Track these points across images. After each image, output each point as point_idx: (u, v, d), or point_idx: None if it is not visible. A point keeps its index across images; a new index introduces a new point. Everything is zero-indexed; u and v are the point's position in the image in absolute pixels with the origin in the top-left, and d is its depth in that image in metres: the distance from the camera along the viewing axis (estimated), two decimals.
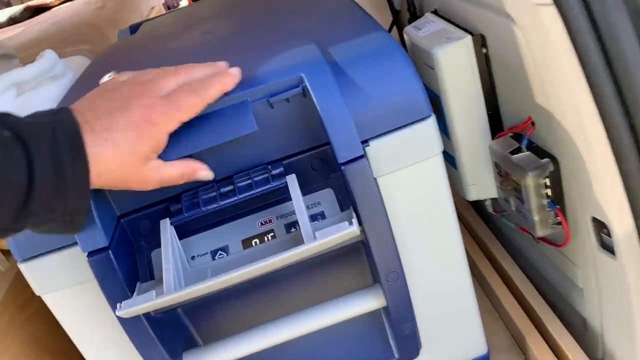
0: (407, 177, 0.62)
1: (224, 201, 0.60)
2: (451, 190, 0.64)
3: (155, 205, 0.62)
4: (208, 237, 0.63)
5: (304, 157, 0.62)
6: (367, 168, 0.58)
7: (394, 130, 0.60)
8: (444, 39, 0.80)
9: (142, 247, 0.64)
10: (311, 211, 0.63)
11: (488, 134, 0.83)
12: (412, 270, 0.65)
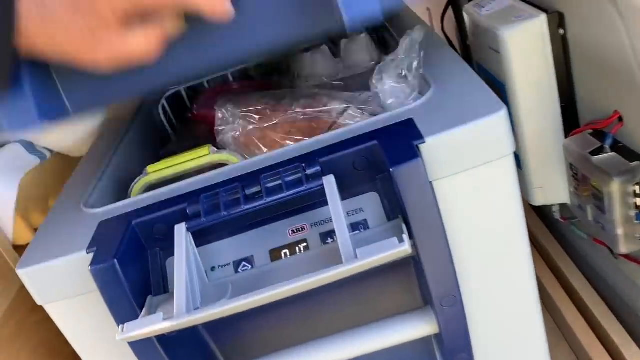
0: (469, 181, 0.51)
1: (249, 205, 0.50)
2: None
3: (171, 206, 0.53)
4: (231, 245, 0.55)
5: (344, 155, 0.52)
6: (421, 171, 0.47)
7: (455, 125, 0.49)
8: (512, 17, 0.68)
9: (156, 254, 0.55)
10: (352, 219, 0.53)
11: (561, 129, 0.71)
12: (470, 292, 0.54)
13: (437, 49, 0.65)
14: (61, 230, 0.58)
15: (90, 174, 0.68)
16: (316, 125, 0.63)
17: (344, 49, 0.80)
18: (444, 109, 0.53)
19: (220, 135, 0.66)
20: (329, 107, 0.64)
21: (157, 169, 0.64)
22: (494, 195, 0.52)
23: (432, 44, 0.66)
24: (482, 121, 0.49)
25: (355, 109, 0.64)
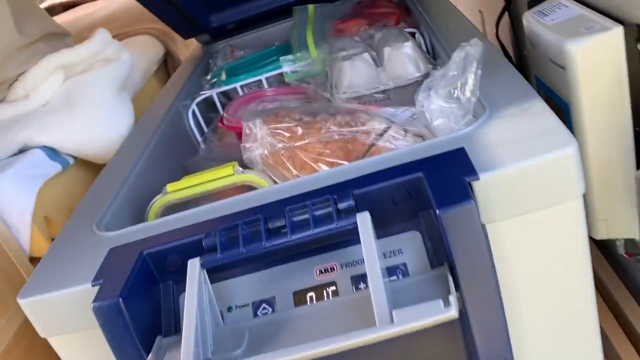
0: (528, 225, 0.44)
1: (271, 242, 0.44)
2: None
3: (186, 236, 0.48)
4: (251, 283, 0.48)
5: (383, 188, 0.45)
6: (474, 215, 0.40)
7: (514, 161, 0.42)
8: (581, 29, 0.60)
9: (169, 288, 0.50)
10: (389, 261, 0.46)
11: (632, 158, 0.62)
12: (523, 351, 0.47)
13: (494, 65, 0.57)
14: (69, 256, 0.53)
15: (107, 189, 0.63)
16: (352, 146, 0.56)
17: (388, 57, 0.73)
18: (502, 139, 0.45)
19: (247, 153, 0.60)
20: (367, 127, 0.57)
21: (177, 188, 0.59)
22: (556, 242, 0.45)
23: (488, 58, 0.58)
24: (547, 157, 0.42)
25: (397, 129, 0.57)
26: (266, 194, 0.51)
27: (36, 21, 0.81)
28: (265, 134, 0.59)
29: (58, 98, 0.83)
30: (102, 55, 0.88)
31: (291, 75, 0.88)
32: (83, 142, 0.80)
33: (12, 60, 0.78)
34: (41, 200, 0.73)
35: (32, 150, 0.77)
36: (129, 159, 0.70)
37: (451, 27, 0.74)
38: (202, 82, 0.97)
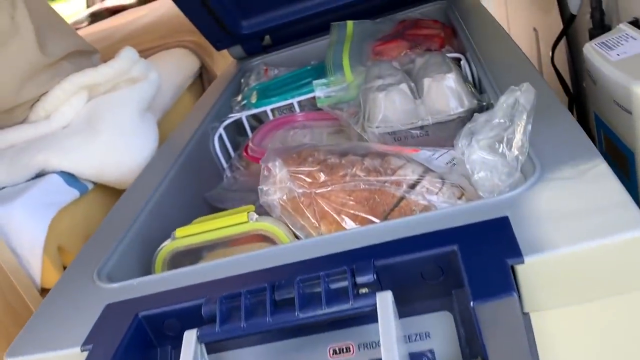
0: (583, 317, 0.37)
1: (276, 319, 0.38)
2: None
3: (185, 298, 0.43)
4: (255, 356, 0.43)
5: (410, 261, 0.38)
6: (515, 309, 0.33)
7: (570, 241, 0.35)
8: None
9: (166, 353, 0.45)
10: (414, 346, 0.40)
11: None
12: None
13: (548, 110, 0.49)
14: (63, 310, 0.48)
15: (116, 228, 0.59)
16: (379, 198, 0.50)
17: (427, 90, 0.66)
18: (554, 210, 0.38)
19: (264, 197, 0.55)
20: (397, 177, 0.50)
21: (186, 233, 0.54)
22: (620, 337, 0.37)
23: (541, 101, 0.51)
24: (612, 240, 0.34)
25: (432, 180, 0.50)
26: (278, 253, 0.45)
27: (61, 39, 0.78)
28: (284, 177, 0.54)
29: (80, 119, 0.80)
30: (128, 75, 0.84)
31: (324, 100, 0.83)
32: (102, 167, 0.77)
33: (34, 80, 0.76)
34: (55, 230, 0.70)
35: (49, 176, 0.74)
36: (144, 191, 0.66)
37: (500, 56, 0.66)
38: (233, 103, 0.93)
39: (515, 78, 0.59)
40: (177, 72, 1.13)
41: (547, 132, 0.46)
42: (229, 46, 1.08)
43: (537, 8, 1.07)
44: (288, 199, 0.53)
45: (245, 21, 1.04)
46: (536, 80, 0.56)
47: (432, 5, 1.00)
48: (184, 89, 1.16)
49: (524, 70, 0.60)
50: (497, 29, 0.75)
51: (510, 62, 0.64)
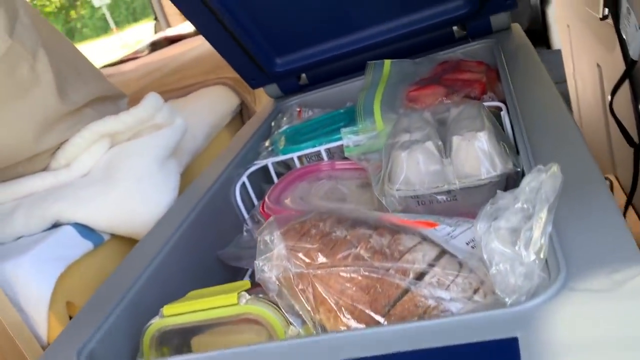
0: None
1: None
2: None
3: None
4: None
5: None
6: None
7: None
8: None
9: None
10: None
11: None
12: None
13: (587, 192, 0.41)
14: None
15: (110, 296, 0.55)
16: (381, 288, 0.43)
17: (456, 149, 0.59)
18: (575, 337, 0.31)
19: (260, 274, 0.49)
20: (403, 263, 0.44)
21: (174, 312, 0.50)
22: None
23: (581, 178, 0.43)
24: None
25: (444, 271, 0.43)
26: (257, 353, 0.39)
27: (84, 86, 0.77)
28: (281, 254, 0.48)
29: (100, 168, 0.78)
30: (152, 121, 0.82)
31: (352, 149, 0.77)
32: (117, 219, 0.74)
33: (54, 129, 0.75)
34: (64, 285, 0.67)
35: (63, 227, 0.72)
36: (148, 250, 0.62)
37: (541, 111, 0.58)
38: (260, 148, 0.89)
39: (553, 143, 0.51)
40: (213, 112, 1.11)
41: (582, 221, 0.39)
42: (264, 84, 1.04)
43: (601, 44, 0.97)
44: (284, 278, 0.48)
45: (279, 59, 1.00)
46: (577, 148, 0.48)
47: (479, 43, 0.92)
48: (220, 127, 1.13)
49: (565, 133, 0.52)
50: (541, 76, 0.67)
51: (551, 120, 0.56)
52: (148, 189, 0.75)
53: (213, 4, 0.86)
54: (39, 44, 0.71)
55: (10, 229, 0.73)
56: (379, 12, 0.94)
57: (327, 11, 0.93)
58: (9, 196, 0.77)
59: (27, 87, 0.70)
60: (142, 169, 0.76)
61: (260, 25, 0.93)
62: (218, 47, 0.96)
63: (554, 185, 0.37)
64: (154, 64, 1.88)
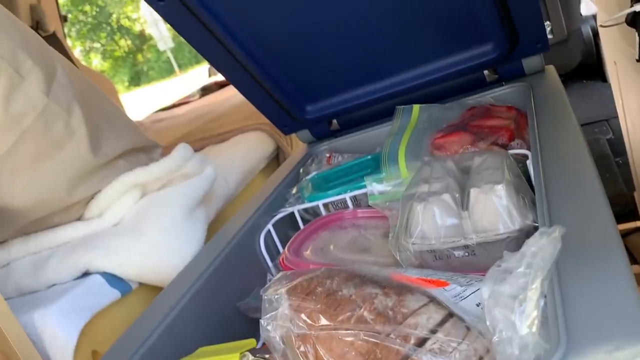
0: None
1: None
2: None
3: None
4: None
5: None
6: None
7: None
8: None
9: None
10: None
11: None
12: None
13: (602, 258, 0.39)
14: None
15: (121, 354, 0.56)
16: (381, 354, 0.42)
17: (474, 202, 0.57)
18: None
19: (265, 333, 0.49)
20: (405, 328, 0.42)
21: None
22: None
23: (593, 239, 0.41)
24: None
25: (449, 334, 0.41)
26: None
27: (116, 140, 0.81)
28: (284, 313, 0.48)
29: (130, 217, 0.80)
30: (181, 171, 0.84)
31: (376, 197, 0.76)
32: (144, 268, 0.76)
33: (86, 181, 0.78)
34: (90, 334, 0.69)
35: (92, 276, 0.75)
36: (166, 302, 0.63)
37: (562, 162, 0.56)
38: (288, 195, 0.89)
39: (570, 201, 0.48)
40: (247, 158, 1.13)
41: (591, 288, 0.36)
42: (296, 130, 1.06)
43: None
44: (287, 338, 0.47)
45: (309, 106, 1.01)
46: (597, 207, 0.46)
47: (511, 87, 0.90)
48: (256, 173, 1.15)
49: (587, 189, 0.49)
50: (570, 126, 0.65)
51: (572, 173, 0.53)
52: (174, 239, 0.77)
53: (240, 56, 0.88)
54: (74, 100, 0.74)
55: (44, 278, 0.76)
56: (408, 58, 0.94)
57: (356, 58, 0.94)
58: (44, 245, 0.80)
59: (61, 142, 0.73)
60: (169, 219, 0.78)
61: (289, 74, 0.95)
62: (248, 95, 0.98)
63: (553, 251, 0.35)
64: (201, 108, 1.94)
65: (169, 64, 18.26)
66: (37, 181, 0.73)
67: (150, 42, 18.21)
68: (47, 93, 0.71)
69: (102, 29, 17.71)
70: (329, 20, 0.86)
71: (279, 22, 0.87)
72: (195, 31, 0.85)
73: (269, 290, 0.50)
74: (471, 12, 0.84)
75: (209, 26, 0.85)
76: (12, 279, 0.78)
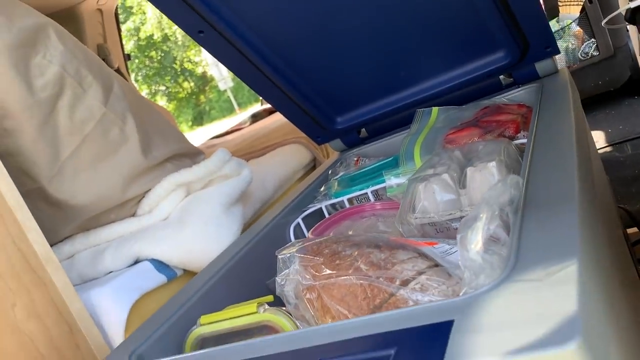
0: None
1: None
2: None
3: None
4: None
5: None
6: None
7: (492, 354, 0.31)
8: None
9: None
10: None
11: None
12: None
13: (557, 207, 0.45)
14: None
15: (165, 312, 0.65)
16: (371, 293, 0.49)
17: (470, 179, 0.63)
18: (501, 316, 0.35)
19: (279, 288, 0.57)
20: (391, 272, 0.49)
21: (208, 321, 0.58)
22: None
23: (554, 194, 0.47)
24: (531, 356, 0.30)
25: (430, 278, 0.48)
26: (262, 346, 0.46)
27: (165, 145, 0.92)
28: (295, 269, 0.55)
29: (176, 212, 0.91)
30: (220, 173, 0.94)
31: (394, 189, 0.83)
32: (188, 255, 0.85)
33: (138, 181, 0.89)
34: (139, 311, 0.78)
35: (142, 263, 0.85)
36: (204, 276, 0.72)
37: (550, 149, 0.61)
38: (317, 194, 0.97)
39: (546, 173, 0.54)
40: (284, 166, 1.22)
41: (545, 227, 0.42)
42: (328, 140, 1.14)
43: None
44: (296, 290, 0.55)
45: (339, 118, 1.10)
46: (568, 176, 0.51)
47: (525, 88, 0.96)
48: (293, 180, 1.24)
49: (563, 167, 0.54)
50: (565, 120, 0.70)
51: (554, 159, 0.58)
52: (213, 230, 0.86)
53: (272, 76, 0.98)
54: (128, 109, 0.86)
55: (102, 266, 0.87)
56: (428, 68, 1.02)
57: (380, 71, 1.02)
58: (102, 239, 0.92)
59: (117, 146, 0.85)
60: (209, 213, 0.87)
61: (318, 89, 1.04)
62: (283, 111, 1.08)
63: (504, 192, 0.41)
64: (251, 132, 2.07)
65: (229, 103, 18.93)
66: (96, 180, 0.84)
67: (212, 83, 18.92)
68: (104, 103, 0.83)
69: (166, 72, 18.62)
70: (351, 39, 0.95)
71: (307, 46, 0.96)
72: (232, 57, 0.96)
73: (283, 251, 0.58)
74: (482, 24, 0.91)
75: (243, 52, 0.95)
76: (76, 269, 0.89)
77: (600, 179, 0.85)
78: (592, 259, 0.39)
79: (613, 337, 0.35)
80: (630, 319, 0.48)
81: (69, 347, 0.72)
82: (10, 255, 0.69)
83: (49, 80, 0.78)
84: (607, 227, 0.63)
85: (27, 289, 0.70)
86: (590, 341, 0.30)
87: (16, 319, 0.68)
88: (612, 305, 0.40)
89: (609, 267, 0.47)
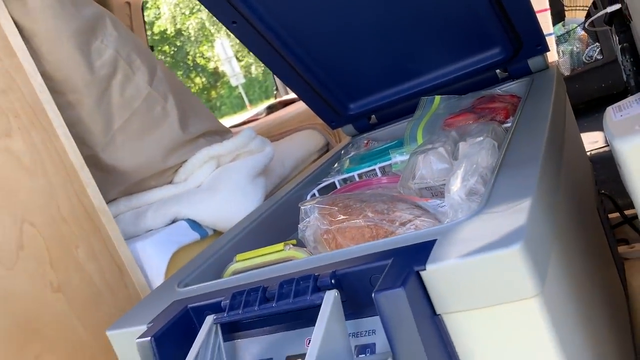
0: (485, 319, 0.44)
1: (262, 308, 0.52)
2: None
3: (215, 297, 0.59)
4: (256, 344, 0.57)
5: (359, 271, 0.50)
6: (403, 300, 0.43)
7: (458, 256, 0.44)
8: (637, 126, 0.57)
9: None
10: (362, 339, 0.50)
11: None
12: None
13: (526, 160, 0.57)
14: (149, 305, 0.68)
15: (205, 257, 0.78)
16: (376, 232, 0.61)
17: (461, 152, 0.76)
18: (472, 235, 0.47)
19: (301, 233, 0.69)
20: (392, 216, 0.62)
21: (243, 257, 0.71)
22: (519, 340, 0.44)
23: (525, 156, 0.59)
24: (486, 255, 0.43)
25: (423, 221, 0.60)
26: (282, 268, 0.59)
27: (199, 123, 1.05)
28: (315, 216, 0.68)
29: (208, 181, 1.04)
30: (247, 148, 1.07)
31: (398, 165, 0.96)
32: (218, 216, 0.99)
33: (176, 152, 1.02)
34: (177, 262, 0.92)
35: (179, 222, 0.98)
36: (233, 231, 0.85)
37: (526, 129, 0.73)
38: (330, 170, 1.10)
39: (519, 145, 0.66)
40: (301, 148, 1.36)
41: (513, 179, 0.55)
42: (341, 125, 1.27)
43: None
44: (315, 234, 0.67)
45: (352, 104, 1.23)
46: (535, 143, 0.64)
47: (518, 82, 1.08)
48: (308, 162, 1.37)
49: (534, 140, 0.66)
50: (544, 107, 0.82)
51: (527, 136, 0.70)
52: (240, 196, 0.99)
53: (294, 63, 1.11)
54: (169, 90, 0.99)
55: (143, 225, 1.00)
56: (432, 61, 1.14)
57: (389, 62, 1.15)
58: (143, 202, 1.05)
59: (159, 121, 0.98)
60: (237, 182, 1.00)
61: (334, 77, 1.17)
62: (302, 96, 1.20)
63: (478, 150, 0.54)
64: (267, 122, 2.20)
65: (240, 99, 19.06)
66: (141, 149, 0.98)
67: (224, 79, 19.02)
68: (150, 84, 0.97)
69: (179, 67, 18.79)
70: (364, 36, 1.08)
71: (326, 40, 1.09)
72: (260, 45, 1.09)
73: (305, 203, 0.71)
74: (481, 24, 1.03)
75: (271, 42, 1.08)
76: (120, 227, 1.02)
77: (578, 160, 0.97)
78: (546, 202, 0.51)
79: (555, 251, 0.48)
80: (582, 255, 0.61)
81: (119, 286, 0.86)
82: (74, 205, 0.83)
83: (105, 61, 0.91)
84: (572, 191, 0.75)
85: (87, 234, 0.83)
86: (532, 246, 0.43)
87: (79, 258, 0.81)
88: (561, 235, 0.52)
89: (565, 213, 0.60)
